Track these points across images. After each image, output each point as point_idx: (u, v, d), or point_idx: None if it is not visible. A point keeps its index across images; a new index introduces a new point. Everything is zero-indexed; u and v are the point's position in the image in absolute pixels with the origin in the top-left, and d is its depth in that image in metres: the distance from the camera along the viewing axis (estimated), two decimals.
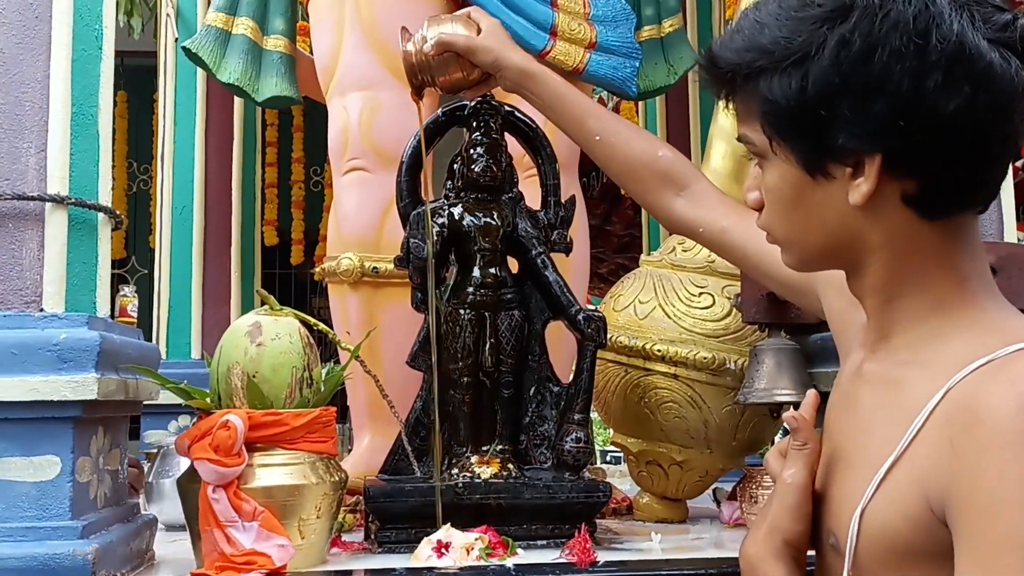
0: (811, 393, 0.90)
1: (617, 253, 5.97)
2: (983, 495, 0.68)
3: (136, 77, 5.14)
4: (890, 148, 0.77)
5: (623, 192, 4.16)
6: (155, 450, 2.01)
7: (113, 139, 5.34)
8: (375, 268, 2.10)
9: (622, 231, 5.76)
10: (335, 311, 2.21)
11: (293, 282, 5.53)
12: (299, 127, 5.34)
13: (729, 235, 1.21)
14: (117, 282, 5.98)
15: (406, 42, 1.58)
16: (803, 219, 0.84)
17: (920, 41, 0.73)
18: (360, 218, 2.15)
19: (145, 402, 1.60)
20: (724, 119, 2.02)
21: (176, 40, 2.88)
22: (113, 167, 5.49)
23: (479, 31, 1.49)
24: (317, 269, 2.26)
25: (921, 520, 0.73)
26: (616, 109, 4.11)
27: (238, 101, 3.05)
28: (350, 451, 2.23)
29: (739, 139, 0.89)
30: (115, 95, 4.61)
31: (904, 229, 0.80)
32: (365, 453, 2.09)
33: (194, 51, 2.36)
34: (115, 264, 5.74)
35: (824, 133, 0.78)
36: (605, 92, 3.95)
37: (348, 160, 2.16)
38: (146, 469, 2.01)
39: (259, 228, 3.19)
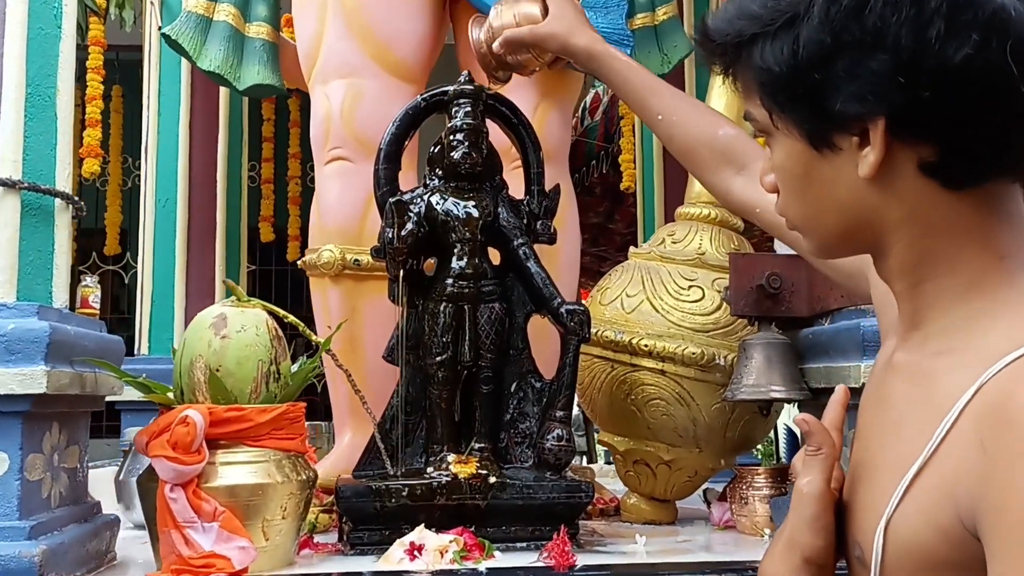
0: (840, 389, 0.82)
1: (620, 251, 5.91)
2: (1017, 507, 0.60)
3: (132, 71, 5.07)
4: (894, 109, 0.69)
5: (622, 188, 4.09)
6: (129, 447, 1.95)
7: (107, 133, 5.30)
8: (357, 261, 2.04)
9: (624, 229, 5.72)
10: (316, 305, 2.15)
11: (289, 279, 5.46)
12: (296, 122, 5.27)
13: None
14: (113, 277, 5.92)
15: (477, 30, 1.59)
16: (815, 199, 0.77)
17: None
18: (342, 209, 2.09)
19: (126, 399, 1.54)
20: (716, 104, 1.95)
21: (160, 28, 2.82)
22: (107, 162, 5.44)
23: (545, 8, 1.48)
24: (299, 261, 2.20)
25: (951, 532, 0.65)
26: (612, 99, 4.04)
27: (224, 91, 2.99)
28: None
29: (745, 117, 0.82)
30: (110, 89, 4.51)
31: (926, 202, 0.72)
32: (346, 451, 2.03)
33: (173, 38, 2.30)
34: (110, 260, 5.69)
35: (822, 99, 0.71)
36: (598, 82, 3.89)
37: (330, 150, 2.10)
38: (120, 467, 1.94)
39: (244, 221, 3.12)
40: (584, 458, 5.59)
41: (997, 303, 0.71)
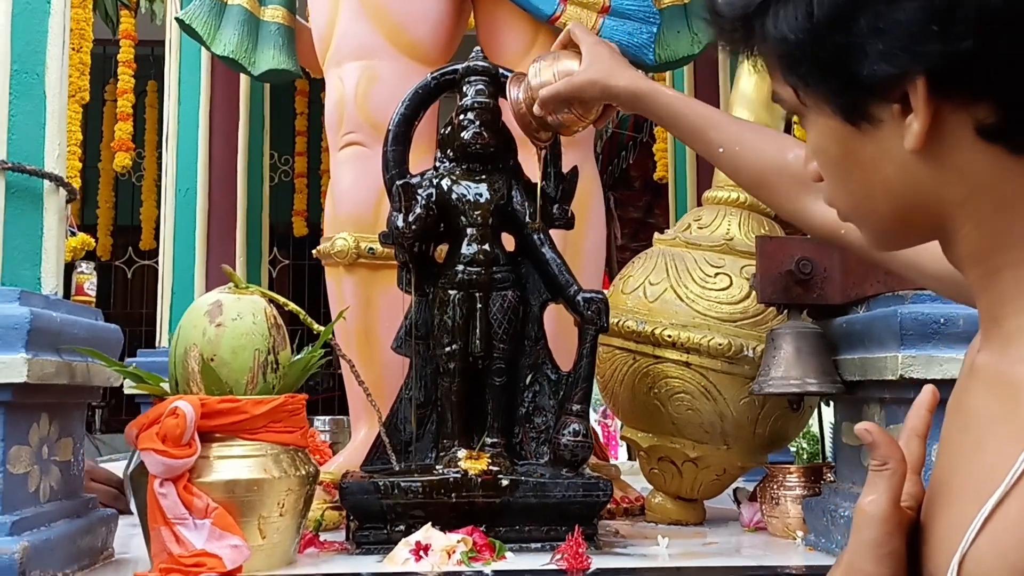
0: (927, 390, 0.71)
1: None
2: None
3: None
4: (933, 66, 0.59)
5: (656, 178, 3.98)
6: None
7: (143, 128, 5.32)
8: (371, 249, 1.97)
9: (665, 224, 5.64)
10: (331, 294, 2.09)
11: (323, 273, 5.44)
12: None
13: None
14: (150, 272, 5.94)
15: (516, 89, 1.50)
16: (861, 182, 0.67)
17: None
18: (356, 196, 2.02)
19: (146, 391, 1.48)
20: (746, 84, 1.85)
21: (176, 15, 2.78)
22: (143, 156, 5.47)
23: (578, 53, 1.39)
24: (314, 251, 2.14)
25: None
26: None
27: (244, 80, 2.95)
28: None
29: (773, 99, 0.72)
30: (144, 84, 4.50)
31: (991, 174, 0.61)
32: (360, 446, 1.96)
33: (187, 22, 2.25)
34: (145, 254, 5.72)
35: (848, 65, 0.61)
36: None
37: (344, 134, 2.04)
38: (128, 460, 1.90)
39: (266, 212, 3.07)
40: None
41: None
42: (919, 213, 0.65)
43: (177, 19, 2.32)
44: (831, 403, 1.98)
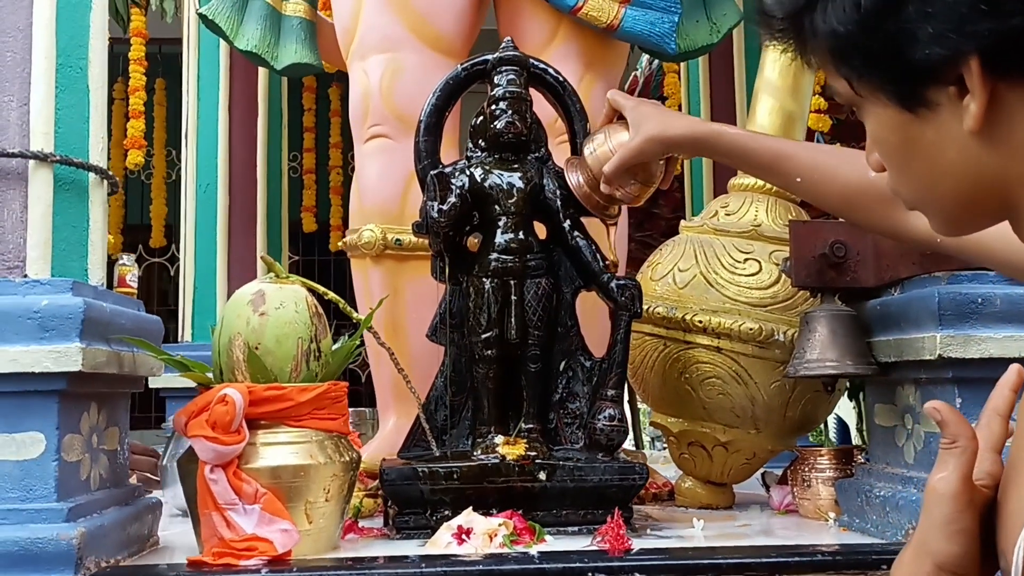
0: (1013, 369, 0.70)
1: (665, 237, 5.80)
2: None
3: (175, 64, 5.08)
4: (985, 45, 0.60)
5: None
6: (172, 432, 1.92)
7: (152, 126, 5.32)
8: (398, 240, 1.99)
9: (669, 214, 5.63)
10: (358, 286, 2.11)
11: (332, 269, 5.46)
12: (337, 111, 5.24)
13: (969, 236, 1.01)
14: (160, 271, 5.96)
15: (575, 174, 1.51)
16: (923, 168, 0.68)
17: None
18: (382, 188, 2.04)
19: (170, 385, 1.50)
20: (771, 72, 1.86)
21: (197, 10, 2.80)
22: (152, 154, 5.47)
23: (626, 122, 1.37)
24: (340, 242, 2.16)
25: None
26: (647, 81, 3.94)
27: (263, 74, 2.96)
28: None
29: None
30: (153, 82, 4.50)
31: None
32: (390, 435, 1.99)
33: (210, 17, 2.26)
34: (155, 252, 5.73)
35: (900, 52, 0.63)
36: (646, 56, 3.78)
37: (369, 127, 2.05)
38: (163, 452, 1.92)
39: (286, 207, 3.09)
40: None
41: None
42: (984, 194, 0.66)
43: (199, 14, 2.33)
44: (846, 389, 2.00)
